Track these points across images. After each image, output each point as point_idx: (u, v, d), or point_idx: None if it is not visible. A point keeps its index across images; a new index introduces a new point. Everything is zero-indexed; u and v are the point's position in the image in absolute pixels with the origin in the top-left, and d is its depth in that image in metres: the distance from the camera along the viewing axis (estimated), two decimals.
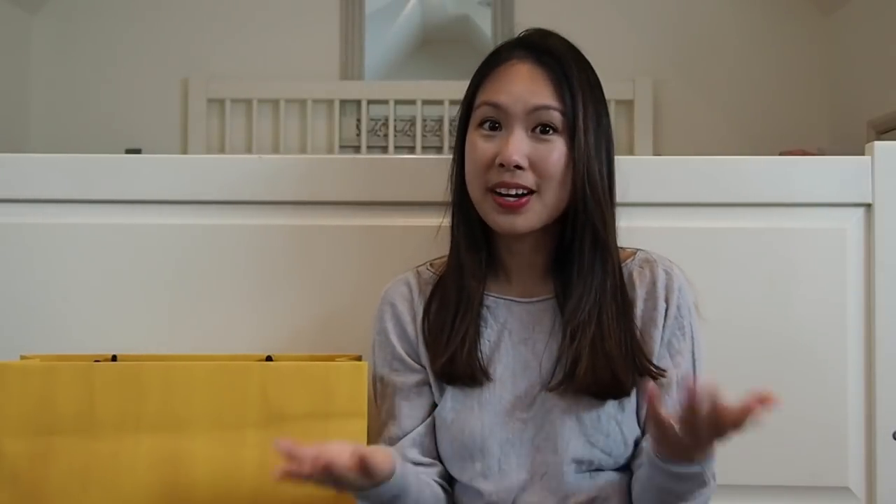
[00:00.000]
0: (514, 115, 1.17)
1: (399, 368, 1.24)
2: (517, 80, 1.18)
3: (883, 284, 1.39)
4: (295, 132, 4.51)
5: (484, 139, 1.18)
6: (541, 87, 1.17)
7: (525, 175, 1.15)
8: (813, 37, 4.44)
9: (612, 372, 1.15)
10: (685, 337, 1.20)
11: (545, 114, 1.16)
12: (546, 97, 1.17)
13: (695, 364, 1.20)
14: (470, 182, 1.20)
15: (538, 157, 1.16)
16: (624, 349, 1.16)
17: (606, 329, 1.16)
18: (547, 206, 1.17)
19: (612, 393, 1.16)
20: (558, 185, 1.17)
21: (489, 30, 4.62)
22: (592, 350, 1.15)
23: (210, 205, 1.44)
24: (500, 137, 1.17)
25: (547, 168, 1.16)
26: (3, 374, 1.19)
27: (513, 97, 1.17)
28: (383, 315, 1.26)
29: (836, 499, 1.39)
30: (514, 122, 1.17)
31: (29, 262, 1.44)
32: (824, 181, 1.41)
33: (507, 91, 1.18)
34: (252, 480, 1.19)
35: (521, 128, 1.16)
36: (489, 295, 1.23)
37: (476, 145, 1.19)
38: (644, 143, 4.30)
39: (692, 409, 0.97)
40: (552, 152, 1.16)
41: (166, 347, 1.37)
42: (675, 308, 1.20)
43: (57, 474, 1.18)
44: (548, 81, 1.17)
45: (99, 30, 4.51)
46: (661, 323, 1.19)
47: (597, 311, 1.17)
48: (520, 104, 1.17)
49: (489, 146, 1.17)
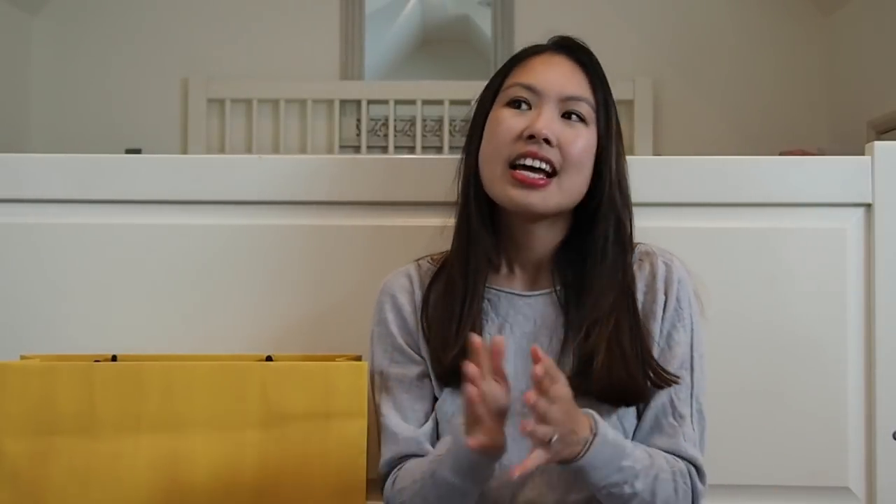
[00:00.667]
0: (546, 97, 1.17)
1: (400, 360, 1.23)
2: (553, 67, 1.20)
3: (883, 284, 1.38)
4: (295, 132, 4.51)
5: (513, 114, 1.18)
6: (575, 78, 1.19)
7: (552, 151, 1.15)
8: (813, 37, 4.44)
9: (628, 372, 1.14)
10: (685, 329, 1.19)
11: (576, 104, 1.18)
12: (580, 89, 1.18)
13: (693, 357, 1.19)
14: (489, 157, 1.19)
15: (566, 138, 1.16)
16: (637, 350, 1.16)
17: (623, 327, 1.16)
18: (564, 191, 1.17)
19: (623, 398, 1.15)
20: (579, 171, 1.17)
21: (489, 30, 4.63)
22: (608, 348, 1.14)
23: (210, 205, 1.44)
24: (529, 115, 1.18)
25: (572, 151, 1.16)
26: (3, 374, 1.19)
27: (548, 82, 1.18)
28: (383, 306, 1.25)
29: (836, 499, 1.39)
30: (546, 103, 1.17)
31: (29, 262, 1.44)
32: (824, 181, 1.41)
33: (542, 76, 1.19)
34: (252, 480, 1.19)
35: (553, 108, 1.17)
36: (490, 288, 1.22)
37: (503, 119, 1.18)
38: (644, 143, 4.31)
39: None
40: (579, 138, 1.17)
41: (166, 347, 1.37)
42: (674, 300, 1.19)
43: (57, 474, 1.18)
44: (582, 75, 1.20)
45: (99, 30, 4.52)
46: (661, 315, 1.19)
47: (615, 308, 1.17)
48: (554, 90, 1.18)
49: (518, 120, 1.17)
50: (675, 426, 1.16)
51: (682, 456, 1.15)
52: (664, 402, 1.17)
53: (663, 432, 1.17)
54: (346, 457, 1.20)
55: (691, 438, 1.16)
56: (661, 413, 1.17)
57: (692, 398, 1.18)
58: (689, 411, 1.17)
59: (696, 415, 1.18)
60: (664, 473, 1.12)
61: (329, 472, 1.19)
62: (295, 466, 1.19)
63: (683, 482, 1.14)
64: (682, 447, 1.15)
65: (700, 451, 1.17)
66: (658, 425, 1.17)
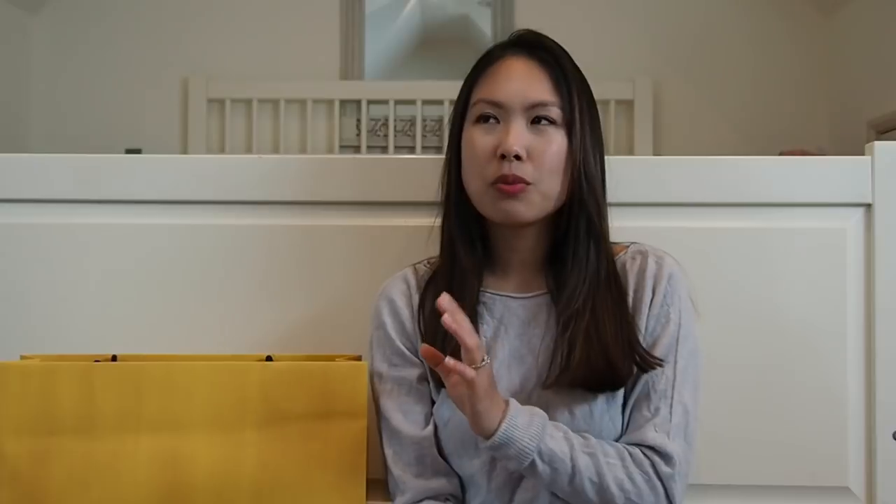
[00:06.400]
0: (512, 110, 1.18)
1: (398, 363, 1.24)
2: (514, 75, 1.19)
3: (883, 284, 1.38)
4: (295, 132, 4.51)
5: (483, 132, 1.19)
6: (538, 82, 1.18)
7: (524, 167, 1.16)
8: (813, 37, 4.45)
9: (607, 360, 1.13)
10: (670, 323, 1.18)
11: (542, 109, 1.18)
12: (543, 92, 1.18)
13: (677, 350, 1.17)
14: (470, 177, 1.20)
15: (537, 148, 1.16)
16: (620, 338, 1.15)
17: (601, 318, 1.15)
18: (545, 196, 1.17)
19: (607, 383, 1.15)
20: (556, 176, 1.17)
21: (489, 30, 4.63)
22: (587, 338, 1.14)
23: (210, 205, 1.44)
24: (499, 130, 1.18)
25: (545, 159, 1.16)
26: (3, 374, 1.19)
27: (511, 94, 1.18)
28: (381, 311, 1.26)
29: (836, 499, 1.39)
30: (513, 116, 1.18)
31: (29, 262, 1.44)
32: (824, 181, 1.41)
33: (504, 88, 1.18)
34: (252, 480, 1.19)
35: (520, 120, 1.17)
36: (485, 291, 1.23)
37: (475, 140, 1.19)
38: (644, 143, 4.31)
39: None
40: (551, 144, 1.17)
41: (166, 347, 1.36)
42: (660, 296, 1.19)
43: (57, 474, 1.18)
44: (544, 76, 1.19)
45: (99, 30, 4.52)
46: (647, 312, 1.19)
47: (591, 300, 1.17)
48: (518, 100, 1.17)
49: (489, 139, 1.18)
50: (647, 417, 1.15)
51: (642, 444, 1.13)
52: (639, 396, 1.16)
53: (632, 424, 1.16)
54: (346, 457, 1.20)
55: (663, 429, 1.14)
56: (635, 407, 1.17)
57: (673, 390, 1.16)
58: (667, 404, 1.15)
59: (676, 407, 1.15)
60: (610, 458, 1.11)
61: (329, 472, 1.19)
62: (295, 466, 1.19)
63: (640, 469, 1.11)
64: (645, 436, 1.13)
65: (675, 440, 1.14)
66: (632, 419, 1.16)
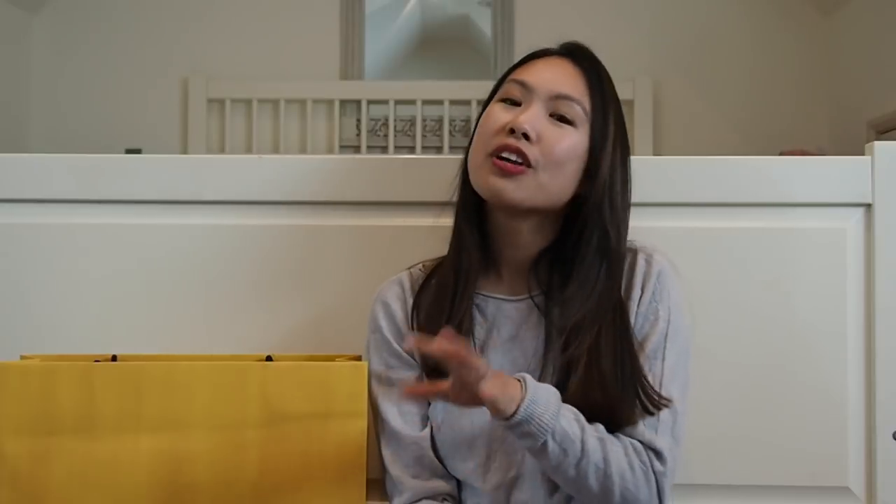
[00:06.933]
0: (536, 94, 1.18)
1: (395, 366, 1.24)
2: (550, 68, 1.20)
3: (883, 284, 1.38)
4: (295, 132, 4.51)
5: (502, 109, 1.19)
6: (571, 78, 1.19)
7: (530, 147, 1.15)
8: (813, 37, 4.45)
9: (605, 394, 1.11)
10: (657, 321, 1.17)
11: (566, 104, 1.17)
12: (572, 89, 1.18)
13: (665, 347, 1.15)
14: (474, 150, 1.20)
15: (549, 136, 1.16)
16: (620, 371, 1.12)
17: (604, 345, 1.13)
18: (542, 186, 1.15)
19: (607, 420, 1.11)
20: (561, 170, 1.16)
21: (489, 30, 4.62)
22: (587, 367, 1.12)
23: (210, 205, 1.44)
24: (517, 111, 1.18)
25: (554, 149, 1.15)
26: (3, 374, 1.19)
27: (541, 80, 1.18)
28: (377, 314, 1.26)
29: (836, 499, 1.39)
30: (535, 100, 1.18)
31: (29, 262, 1.44)
32: (824, 181, 1.41)
33: (537, 73, 1.19)
34: (252, 480, 1.19)
35: (541, 106, 1.17)
36: (479, 293, 1.23)
37: (491, 114, 1.20)
38: (644, 143, 4.31)
39: None
40: (564, 138, 1.16)
41: (166, 347, 1.37)
42: (649, 293, 1.18)
43: (57, 474, 1.18)
44: (580, 78, 1.19)
45: (99, 30, 4.52)
46: (636, 309, 1.17)
47: (596, 324, 1.14)
48: (546, 87, 1.18)
49: (505, 115, 1.18)
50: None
51: (636, 438, 1.13)
52: None
53: None
54: (346, 457, 1.20)
55: (652, 425, 1.13)
56: None
57: (661, 388, 1.14)
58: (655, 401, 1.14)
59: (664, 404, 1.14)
60: (614, 446, 1.10)
61: (329, 472, 1.19)
62: (295, 466, 1.19)
63: (640, 459, 1.11)
64: (634, 432, 1.13)
65: (663, 437, 1.13)
66: None
